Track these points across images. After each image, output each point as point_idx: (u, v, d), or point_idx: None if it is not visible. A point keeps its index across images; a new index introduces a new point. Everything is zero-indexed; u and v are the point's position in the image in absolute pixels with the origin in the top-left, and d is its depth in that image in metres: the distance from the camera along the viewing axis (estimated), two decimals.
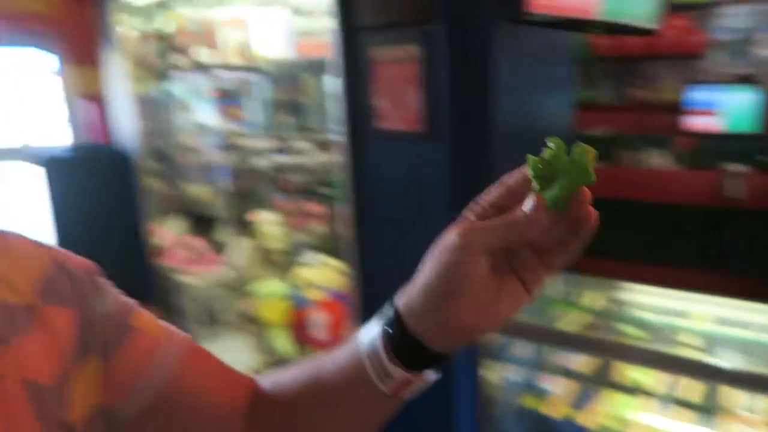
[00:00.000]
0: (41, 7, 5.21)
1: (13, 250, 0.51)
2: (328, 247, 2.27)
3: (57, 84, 5.54)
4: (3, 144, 5.58)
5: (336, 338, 1.95)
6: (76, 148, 4.62)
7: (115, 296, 0.57)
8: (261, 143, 2.72)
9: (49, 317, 0.50)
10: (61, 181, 3.41)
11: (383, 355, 0.50)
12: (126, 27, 3.05)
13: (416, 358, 0.49)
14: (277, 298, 2.26)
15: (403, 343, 0.49)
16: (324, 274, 2.15)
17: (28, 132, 5.76)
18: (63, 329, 0.50)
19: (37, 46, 5.42)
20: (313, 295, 2.10)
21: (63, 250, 0.55)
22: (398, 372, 0.49)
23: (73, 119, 5.35)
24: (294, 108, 2.65)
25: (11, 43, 5.45)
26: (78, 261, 0.55)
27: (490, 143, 1.67)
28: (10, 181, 5.52)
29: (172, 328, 0.59)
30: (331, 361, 0.55)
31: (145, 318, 0.58)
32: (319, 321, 1.98)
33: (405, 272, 0.54)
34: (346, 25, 1.79)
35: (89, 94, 4.67)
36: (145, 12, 3.04)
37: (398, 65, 1.72)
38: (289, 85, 2.69)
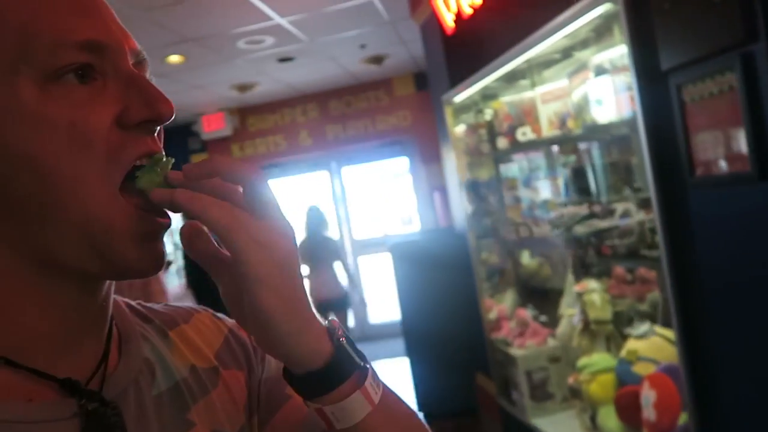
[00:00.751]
0: (398, 121, 6.33)
1: (199, 323, 0.63)
2: (659, 314, 2.01)
3: (409, 181, 6.54)
4: (368, 236, 6.80)
5: (667, 420, 1.67)
6: (422, 233, 5.29)
7: (275, 363, 0.64)
8: (582, 210, 2.64)
9: (227, 378, 0.60)
10: (404, 263, 3.93)
11: None
12: (457, 124, 3.43)
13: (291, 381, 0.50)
14: (604, 373, 2.08)
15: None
16: (654, 345, 1.90)
17: (387, 224, 6.89)
18: (237, 388, 0.60)
19: (395, 154, 6.57)
20: (642, 369, 1.86)
21: (232, 321, 0.65)
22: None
23: (422, 209, 6.18)
24: (617, 168, 2.52)
25: (379, 156, 6.73)
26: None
27: None
28: (372, 266, 6.62)
29: None
30: None
31: None
32: (649, 399, 1.74)
33: (746, 339, 0.46)
34: (648, 70, 1.67)
35: (434, 187, 5.36)
36: (471, 107, 3.38)
37: (715, 100, 1.50)
38: (615, 146, 2.59)
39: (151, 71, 0.51)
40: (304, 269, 4.92)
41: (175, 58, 4.37)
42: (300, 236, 4.98)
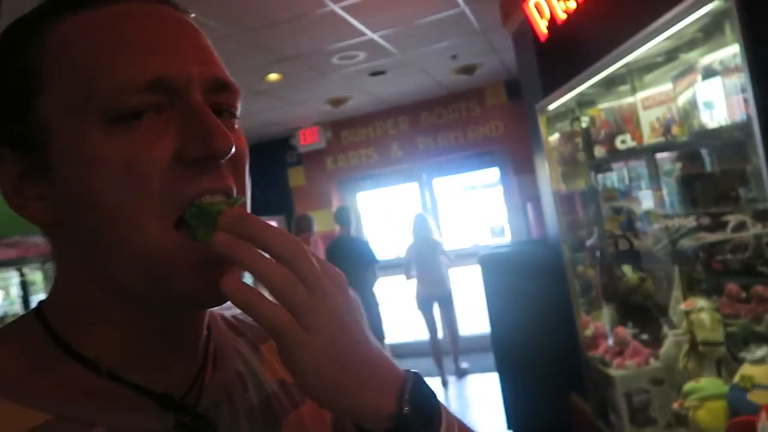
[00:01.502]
0: (489, 131, 6.24)
1: None
2: None
3: (500, 192, 6.42)
4: (458, 247, 6.75)
5: None
6: (514, 245, 5.15)
7: None
8: (689, 222, 2.46)
9: None
10: (494, 274, 3.83)
11: None
12: (551, 133, 3.33)
13: None
14: (714, 400, 1.91)
15: None
16: None
17: (478, 235, 6.79)
18: None
19: (486, 164, 6.47)
20: (759, 397, 1.69)
21: None
22: None
23: (513, 220, 6.03)
24: (728, 177, 2.33)
25: (470, 167, 6.67)
26: None
27: None
28: (463, 277, 6.56)
29: None
30: None
31: None
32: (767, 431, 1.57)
33: None
34: (764, 70, 1.54)
35: (526, 197, 5.20)
36: (566, 115, 3.26)
37: None
38: (727, 153, 2.40)
39: (249, 92, 0.50)
40: (413, 270, 5.53)
41: (274, 76, 4.58)
42: (408, 242, 5.61)
